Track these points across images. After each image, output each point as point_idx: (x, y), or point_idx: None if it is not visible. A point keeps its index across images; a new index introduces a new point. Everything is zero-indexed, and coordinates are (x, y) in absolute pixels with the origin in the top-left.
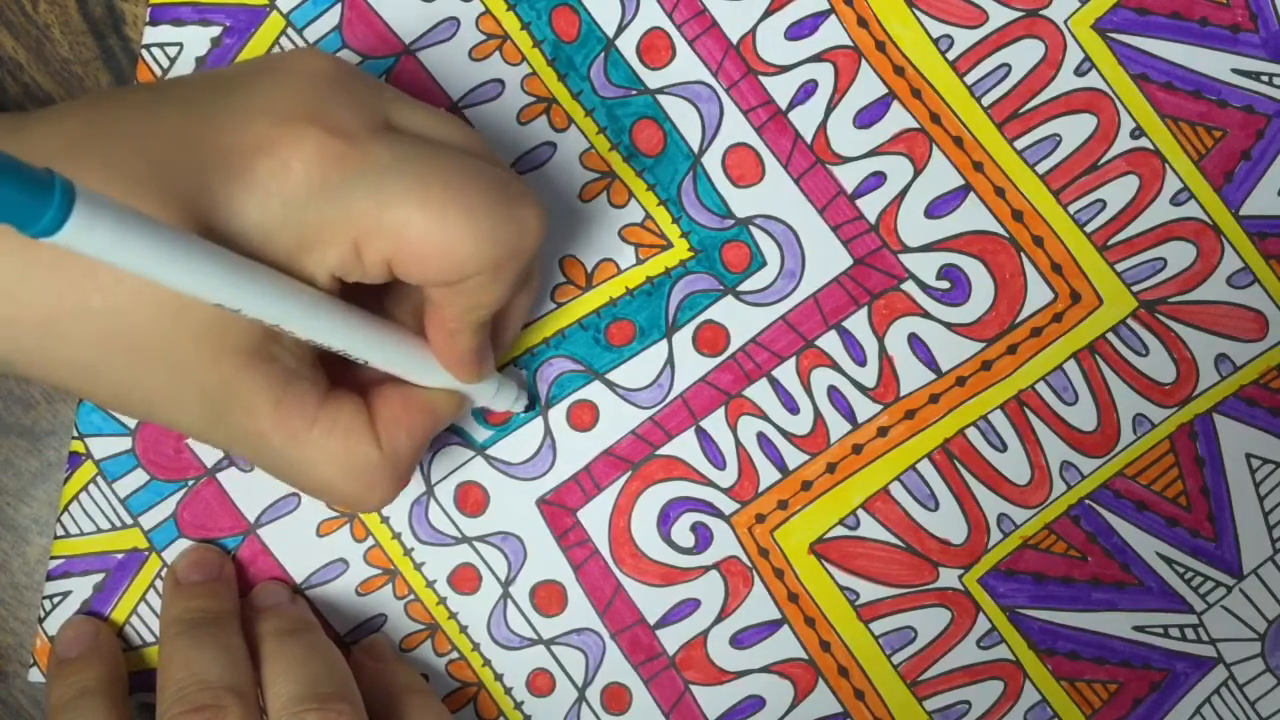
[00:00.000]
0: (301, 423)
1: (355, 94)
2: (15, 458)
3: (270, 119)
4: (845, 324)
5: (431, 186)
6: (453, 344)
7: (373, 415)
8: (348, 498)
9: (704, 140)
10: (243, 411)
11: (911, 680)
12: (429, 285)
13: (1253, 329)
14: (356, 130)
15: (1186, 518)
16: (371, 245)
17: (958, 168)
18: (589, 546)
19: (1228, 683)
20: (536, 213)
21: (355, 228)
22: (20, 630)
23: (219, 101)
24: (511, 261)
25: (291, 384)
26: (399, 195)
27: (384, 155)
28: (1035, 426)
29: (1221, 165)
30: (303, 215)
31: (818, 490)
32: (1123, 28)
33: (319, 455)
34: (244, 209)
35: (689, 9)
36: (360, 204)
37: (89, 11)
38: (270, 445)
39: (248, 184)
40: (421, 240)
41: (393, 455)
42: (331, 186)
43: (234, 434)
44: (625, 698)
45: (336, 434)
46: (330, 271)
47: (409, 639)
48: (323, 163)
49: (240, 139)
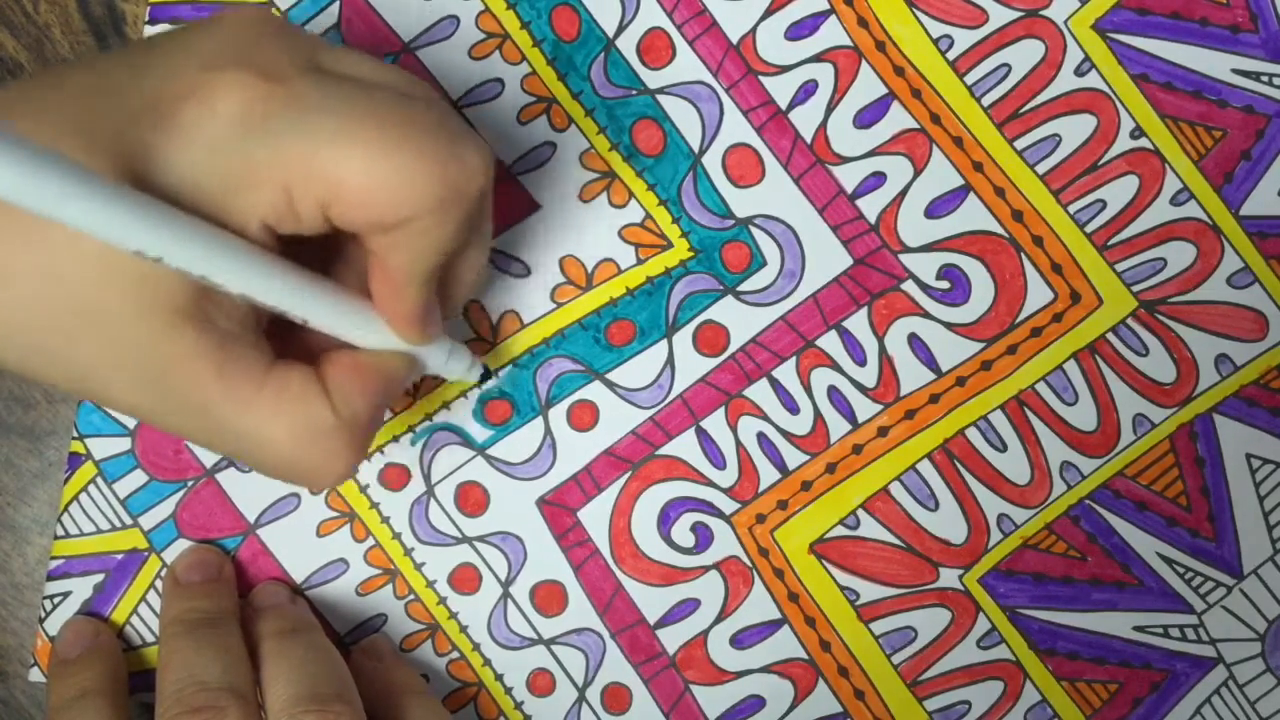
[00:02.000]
0: (249, 388)
1: (285, 39)
2: (15, 458)
3: (197, 65)
4: (845, 324)
5: (366, 124)
6: (398, 298)
7: (323, 380)
8: (306, 467)
9: (704, 140)
10: (184, 379)
11: (911, 680)
12: (369, 233)
13: (1253, 329)
14: (285, 69)
15: (1186, 518)
16: (304, 188)
17: (958, 168)
18: (589, 546)
19: (1228, 683)
20: (481, 151)
21: (286, 170)
22: (21, 630)
23: (151, 53)
24: (455, 201)
25: (232, 348)
26: (331, 134)
27: (314, 94)
28: (1035, 427)
29: (1221, 165)
30: (229, 160)
31: (818, 490)
32: (1123, 28)
33: (271, 422)
34: (171, 158)
35: (689, 9)
36: (290, 144)
37: (89, 11)
38: (217, 415)
39: (175, 131)
40: (358, 180)
41: (350, 417)
42: (258, 127)
43: (177, 406)
44: (625, 698)
45: (287, 398)
46: (262, 219)
47: (409, 639)
48: (248, 103)
49: (168, 86)
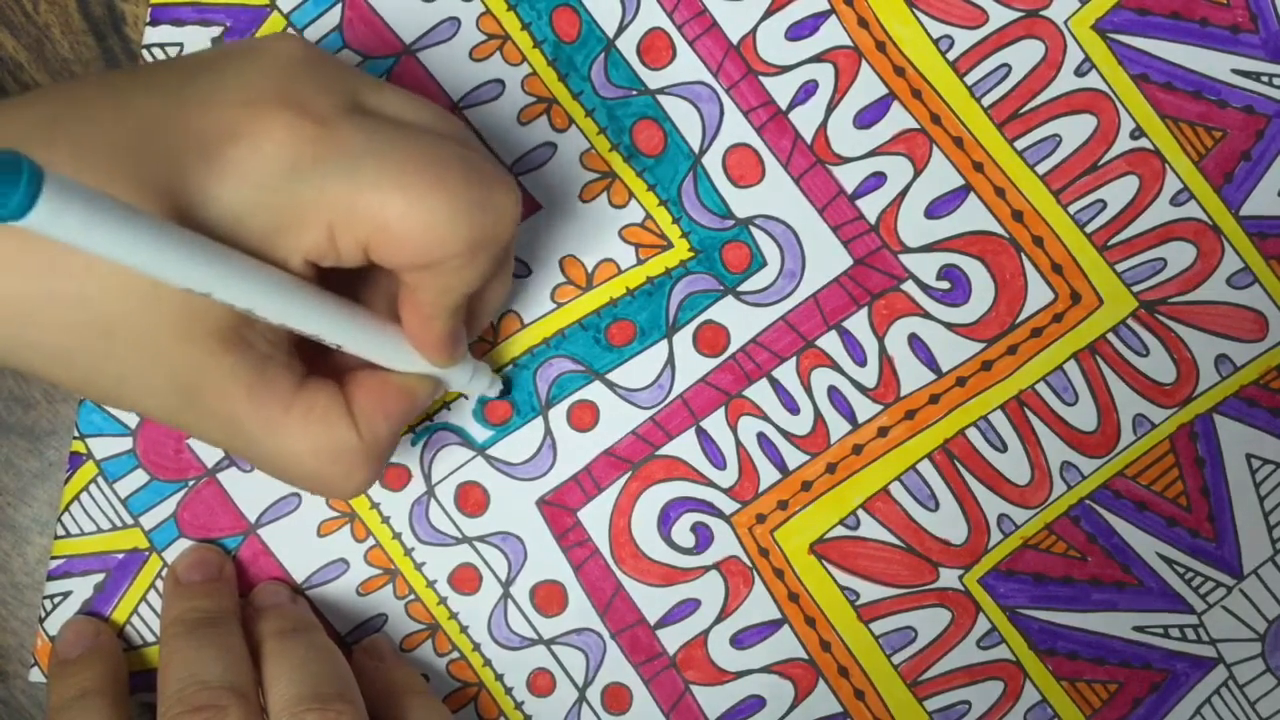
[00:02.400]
0: (277, 408)
1: (326, 76)
2: (15, 458)
3: (241, 102)
4: (845, 324)
5: (407, 169)
6: (427, 328)
7: (349, 401)
8: (326, 483)
9: (704, 140)
10: (216, 397)
11: (911, 680)
12: (404, 269)
13: (1253, 329)
14: (328, 112)
15: (1186, 518)
16: (346, 229)
17: (958, 168)
18: (589, 546)
19: (1228, 683)
20: (512, 196)
21: (330, 211)
22: (21, 630)
23: (190, 85)
24: (487, 244)
25: (266, 369)
26: (374, 178)
27: (357, 137)
28: (1035, 427)
29: (1221, 165)
30: (275, 199)
31: (818, 490)
32: (1123, 28)
33: (297, 441)
34: (217, 194)
35: (689, 9)
36: (334, 187)
37: (89, 11)
38: (245, 431)
39: (220, 168)
40: (398, 223)
41: (372, 440)
42: (304, 169)
43: (207, 420)
44: (626, 698)
45: (314, 418)
46: (304, 256)
47: (409, 639)
48: (295, 145)
49: (212, 123)
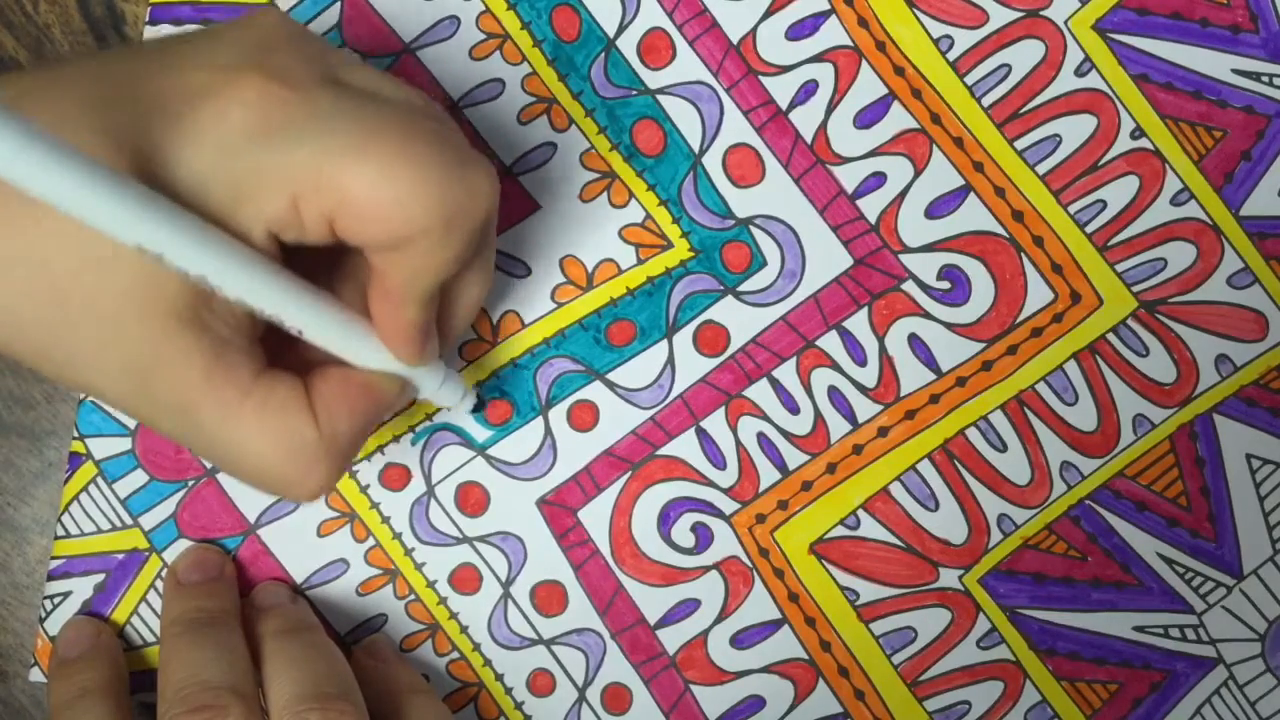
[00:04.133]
0: (234, 394)
1: (304, 47)
2: (15, 458)
3: (215, 66)
4: (845, 324)
5: (378, 139)
6: (396, 315)
7: (310, 394)
8: (283, 480)
9: (704, 140)
10: (170, 378)
11: (911, 680)
12: (372, 248)
13: (1253, 329)
14: (302, 78)
15: (1186, 518)
16: (311, 199)
17: (958, 168)
18: (589, 546)
19: (1228, 683)
20: (487, 175)
21: (294, 179)
22: (21, 630)
23: (168, 50)
24: (460, 222)
25: (224, 353)
26: (343, 146)
27: (328, 105)
28: (1035, 427)
29: (1222, 166)
30: (239, 163)
31: (818, 490)
32: (1123, 28)
33: (252, 432)
34: (181, 155)
35: (689, 9)
36: (301, 154)
37: (89, 11)
38: (199, 418)
39: (186, 129)
40: (366, 194)
41: (331, 435)
42: (271, 134)
43: (160, 403)
44: (626, 698)
45: (271, 409)
46: (266, 227)
47: (410, 639)
48: (263, 108)
49: (183, 83)
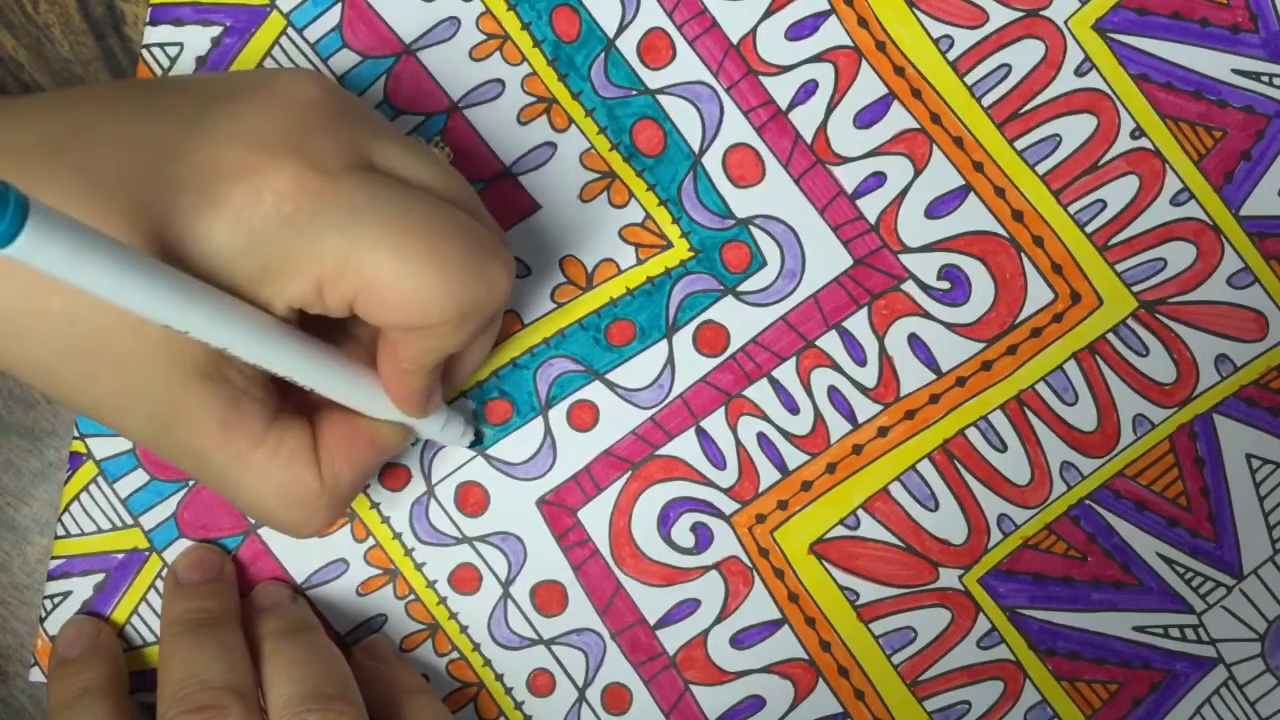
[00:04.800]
0: (246, 443)
1: (340, 126)
2: (15, 458)
3: (250, 144)
4: (845, 324)
5: (403, 234)
6: (404, 382)
7: (317, 442)
8: (285, 524)
9: (704, 140)
10: (188, 428)
11: (911, 680)
12: (389, 328)
13: (1253, 329)
14: (335, 166)
15: (1186, 518)
16: (335, 284)
17: (958, 168)
18: (589, 546)
19: (1228, 683)
20: (506, 269)
21: (320, 266)
22: (21, 630)
23: (203, 117)
24: (476, 315)
25: (239, 404)
26: (369, 239)
27: (359, 195)
28: (1035, 427)
29: (1222, 165)
30: (267, 247)
31: (818, 490)
32: (1123, 28)
33: (260, 480)
34: (210, 232)
35: (689, 9)
36: (328, 242)
37: (89, 11)
38: (212, 464)
39: (217, 207)
40: (387, 287)
41: (333, 485)
42: (301, 221)
43: (178, 448)
44: (625, 698)
45: (279, 459)
46: (289, 304)
47: (409, 639)
48: (295, 195)
49: (217, 160)
